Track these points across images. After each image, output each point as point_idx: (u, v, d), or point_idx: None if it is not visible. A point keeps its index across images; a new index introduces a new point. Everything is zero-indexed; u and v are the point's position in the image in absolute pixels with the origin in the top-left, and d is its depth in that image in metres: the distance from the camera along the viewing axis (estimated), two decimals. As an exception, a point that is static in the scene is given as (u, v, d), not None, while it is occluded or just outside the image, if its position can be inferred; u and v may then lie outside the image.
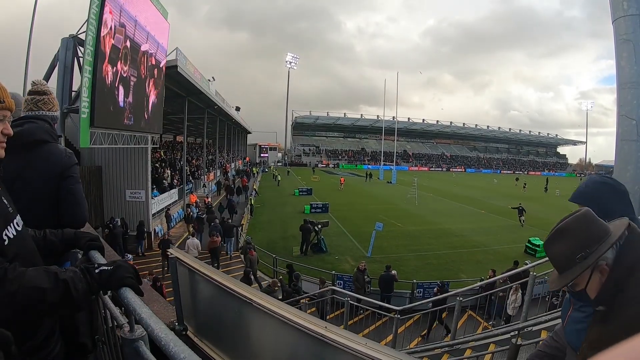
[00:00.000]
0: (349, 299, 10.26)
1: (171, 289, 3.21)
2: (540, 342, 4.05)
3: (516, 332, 5.63)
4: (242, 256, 19.54)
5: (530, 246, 22.36)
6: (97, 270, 1.68)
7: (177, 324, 3.12)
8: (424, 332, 12.10)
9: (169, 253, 3.06)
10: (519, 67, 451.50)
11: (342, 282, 16.12)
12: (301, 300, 12.20)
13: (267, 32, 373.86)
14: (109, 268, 1.72)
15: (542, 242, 14.81)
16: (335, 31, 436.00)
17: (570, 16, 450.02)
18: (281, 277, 15.42)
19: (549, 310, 7.43)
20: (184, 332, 3.10)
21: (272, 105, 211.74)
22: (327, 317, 12.67)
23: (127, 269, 1.76)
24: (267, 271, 18.25)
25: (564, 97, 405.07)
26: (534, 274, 6.80)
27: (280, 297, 12.39)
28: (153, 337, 1.43)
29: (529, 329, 6.27)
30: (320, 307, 12.30)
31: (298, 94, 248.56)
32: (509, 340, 5.25)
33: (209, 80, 33.14)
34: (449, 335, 10.30)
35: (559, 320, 3.05)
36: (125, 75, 15.80)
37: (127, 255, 15.91)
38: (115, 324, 1.81)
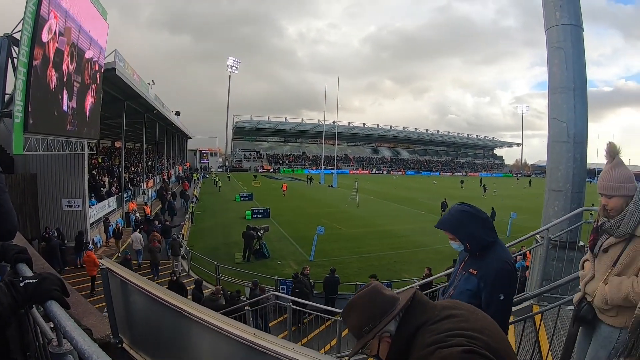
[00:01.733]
0: (290, 303, 10.26)
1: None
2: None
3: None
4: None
5: (470, 244, 22.56)
6: (22, 284, 1.65)
7: (112, 336, 3.06)
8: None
9: (100, 264, 3.00)
10: (457, 73, 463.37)
11: (285, 287, 16.05)
12: (245, 307, 12.05)
13: (210, 36, 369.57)
14: (34, 281, 1.68)
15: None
16: (278, 36, 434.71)
17: (505, 25, 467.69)
18: (221, 286, 15.23)
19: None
20: (120, 345, 3.04)
21: (213, 110, 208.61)
22: (270, 324, 12.61)
23: (53, 281, 1.73)
24: (210, 279, 17.94)
25: (500, 101, 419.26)
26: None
27: (224, 304, 12.28)
28: (78, 350, 1.41)
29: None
30: (262, 313, 12.22)
31: (240, 98, 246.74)
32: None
33: (149, 83, 32.52)
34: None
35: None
36: (69, 79, 15.42)
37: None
38: (46, 339, 1.78)
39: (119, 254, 20.15)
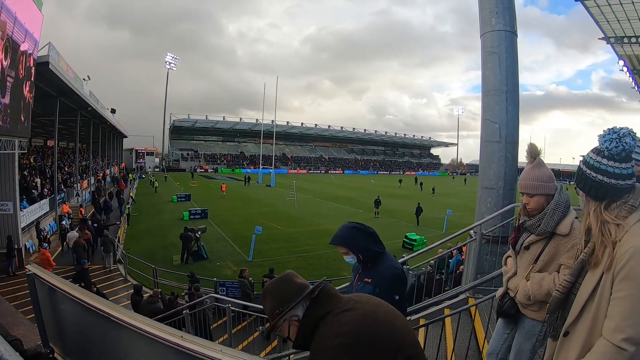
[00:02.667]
0: (230, 305, 10.19)
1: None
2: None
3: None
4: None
5: (408, 241, 23.38)
6: None
7: (42, 346, 2.99)
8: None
9: (27, 270, 2.93)
10: (395, 75, 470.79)
11: (224, 288, 15.91)
12: (183, 311, 11.79)
13: (149, 32, 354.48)
14: None
15: (419, 237, 15.61)
16: (218, 34, 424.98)
17: (442, 31, 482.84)
18: (160, 289, 14.92)
19: (424, 299, 7.81)
20: (51, 355, 2.96)
21: (150, 108, 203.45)
22: (211, 327, 12.40)
23: None
24: (149, 283, 17.54)
25: (436, 103, 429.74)
26: (407, 267, 7.25)
27: (162, 307, 12.08)
28: (-1, 358, 1.41)
29: (408, 318, 6.62)
30: (201, 316, 11.98)
31: (177, 97, 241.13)
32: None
33: (84, 79, 31.54)
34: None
35: (436, 308, 3.34)
36: (2, 75, 14.79)
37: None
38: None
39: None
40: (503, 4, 7.28)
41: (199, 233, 21.63)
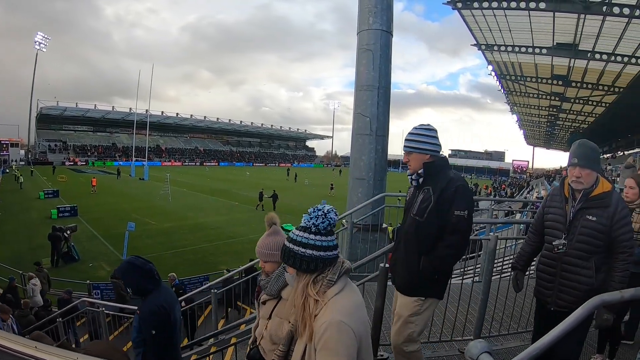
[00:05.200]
0: (103, 309, 9.83)
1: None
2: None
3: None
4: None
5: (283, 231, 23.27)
6: None
7: None
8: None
9: None
10: (273, 68, 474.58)
11: (99, 291, 15.32)
12: (57, 319, 11.15)
13: (18, 9, 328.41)
14: None
15: (294, 228, 16.01)
16: (93, 16, 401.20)
17: (322, 29, 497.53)
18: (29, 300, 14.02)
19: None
20: None
21: (16, 95, 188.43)
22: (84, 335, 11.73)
23: None
24: (18, 291, 16.27)
25: (313, 97, 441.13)
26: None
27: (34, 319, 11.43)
28: None
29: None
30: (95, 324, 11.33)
31: (47, 82, 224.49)
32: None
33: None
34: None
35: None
36: None
37: None
38: None
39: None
40: (382, 5, 7.60)
41: (69, 232, 20.45)
